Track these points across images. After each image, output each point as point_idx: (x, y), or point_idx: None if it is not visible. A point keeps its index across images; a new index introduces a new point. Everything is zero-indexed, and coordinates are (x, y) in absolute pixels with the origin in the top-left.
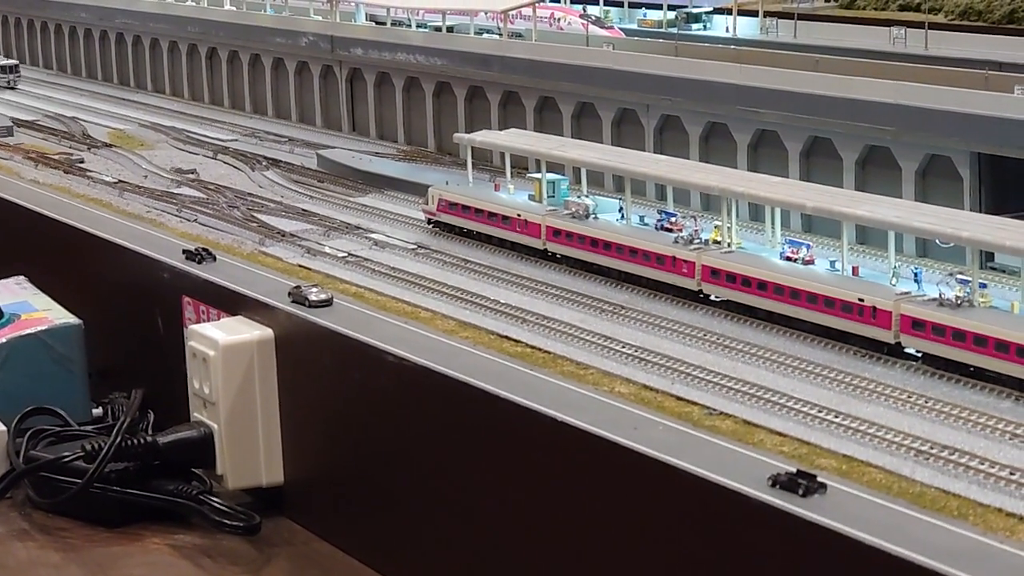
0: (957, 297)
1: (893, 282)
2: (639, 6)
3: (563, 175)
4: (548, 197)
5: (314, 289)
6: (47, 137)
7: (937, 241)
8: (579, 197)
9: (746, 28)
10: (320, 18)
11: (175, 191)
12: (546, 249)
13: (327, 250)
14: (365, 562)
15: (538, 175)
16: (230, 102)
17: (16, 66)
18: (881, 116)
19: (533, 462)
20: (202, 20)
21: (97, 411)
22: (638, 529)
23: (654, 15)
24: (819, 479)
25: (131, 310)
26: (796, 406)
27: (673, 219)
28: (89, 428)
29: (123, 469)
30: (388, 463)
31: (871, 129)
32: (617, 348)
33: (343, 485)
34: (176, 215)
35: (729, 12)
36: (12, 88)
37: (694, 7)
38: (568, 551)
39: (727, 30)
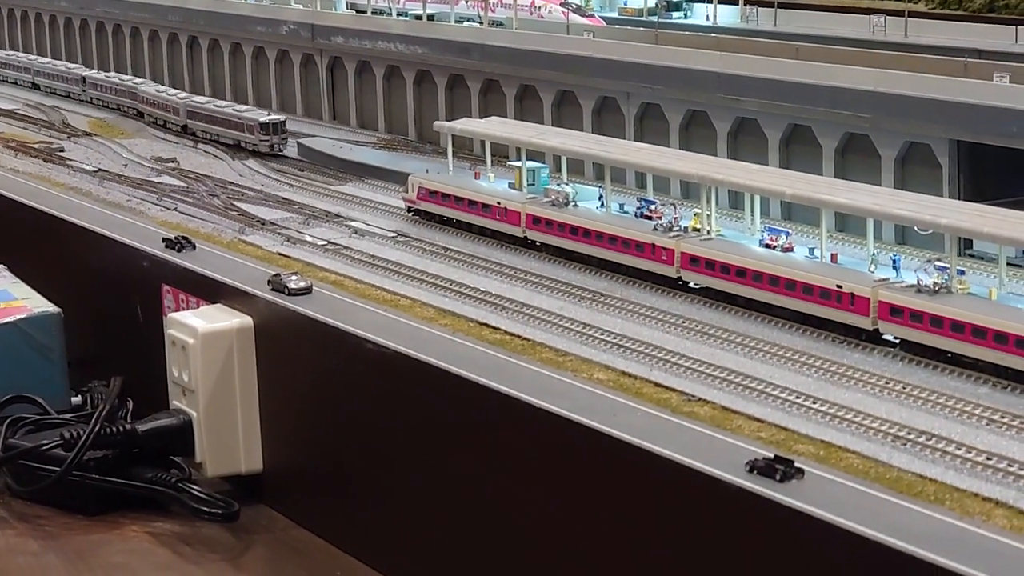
0: (935, 284)
1: (871, 269)
2: None
3: (543, 163)
4: (528, 185)
5: (293, 277)
6: (27, 126)
7: (916, 228)
8: (559, 185)
9: (726, 16)
10: (301, 6)
11: (155, 180)
12: (526, 237)
13: (307, 238)
14: (344, 549)
15: (518, 163)
16: (211, 91)
17: (282, 123)
18: (860, 104)
19: (512, 449)
20: (183, 8)
21: (76, 399)
22: (616, 514)
23: (634, 3)
24: (796, 464)
25: (110, 298)
26: (774, 392)
27: (653, 207)
28: (68, 416)
29: (102, 457)
30: (367, 451)
31: (850, 117)
32: (596, 335)
33: (322, 473)
34: (156, 204)
35: (710, 0)
36: (278, 154)
37: None
38: (547, 537)
39: (707, 18)
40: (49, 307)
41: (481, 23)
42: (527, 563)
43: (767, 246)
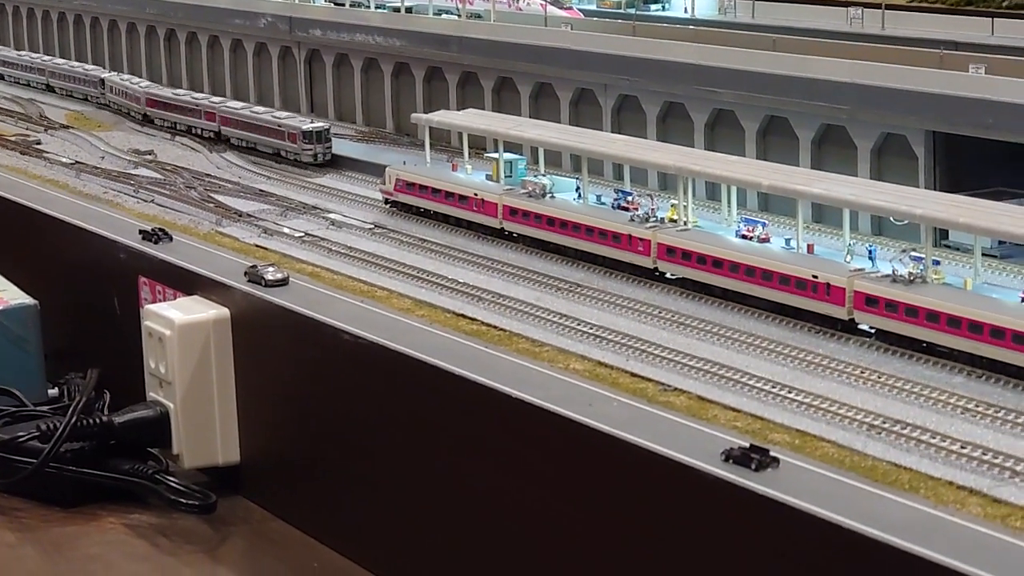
0: (910, 274)
1: (847, 259)
2: None
3: (521, 155)
4: (505, 177)
5: (270, 268)
6: (4, 119)
7: (891, 219)
8: (536, 177)
9: (704, 8)
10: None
11: (132, 172)
12: (503, 228)
13: (284, 230)
14: (321, 540)
15: (496, 155)
16: (189, 83)
17: (327, 131)
18: (837, 95)
19: (489, 439)
20: (161, 1)
21: (53, 391)
22: (592, 503)
23: None
24: (772, 453)
25: (87, 290)
26: (750, 382)
27: (630, 198)
28: (45, 408)
29: (79, 449)
30: (344, 442)
31: (827, 108)
32: (573, 326)
33: (299, 464)
34: (133, 196)
35: None
36: (322, 164)
37: None
38: (523, 526)
39: (685, 10)
40: (26, 299)
41: (459, 15)
42: (504, 552)
43: (744, 237)
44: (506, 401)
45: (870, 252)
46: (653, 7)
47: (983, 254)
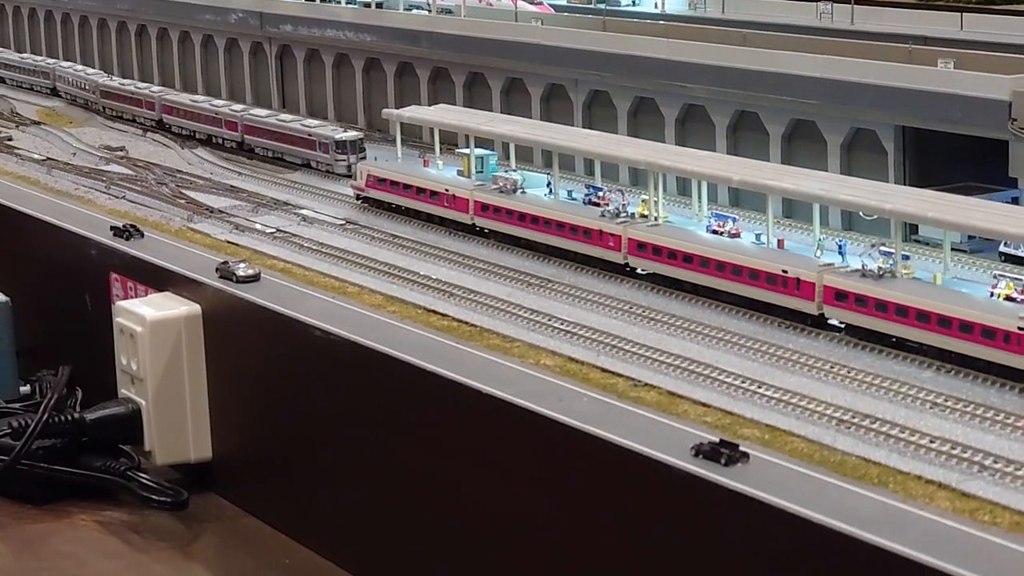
0: (880, 268)
1: (817, 254)
2: None
3: (492, 150)
4: (477, 172)
5: (242, 264)
6: None
7: (861, 214)
8: (507, 172)
9: (675, 3)
10: None
11: (104, 168)
12: (474, 224)
13: (256, 226)
14: (294, 537)
15: (467, 150)
16: (160, 79)
17: (360, 141)
18: (807, 90)
19: (460, 435)
20: None
21: (25, 388)
22: (562, 498)
23: None
24: (741, 448)
25: (59, 287)
26: (720, 377)
27: (600, 193)
28: (16, 405)
29: (50, 446)
30: (316, 438)
31: (797, 103)
32: (543, 321)
33: (272, 460)
34: (104, 192)
35: None
36: (347, 175)
37: None
38: (494, 522)
39: (656, 5)
40: None
41: (430, 11)
42: (476, 547)
43: (714, 232)
44: (477, 397)
45: (840, 247)
46: (624, 2)
47: (953, 249)
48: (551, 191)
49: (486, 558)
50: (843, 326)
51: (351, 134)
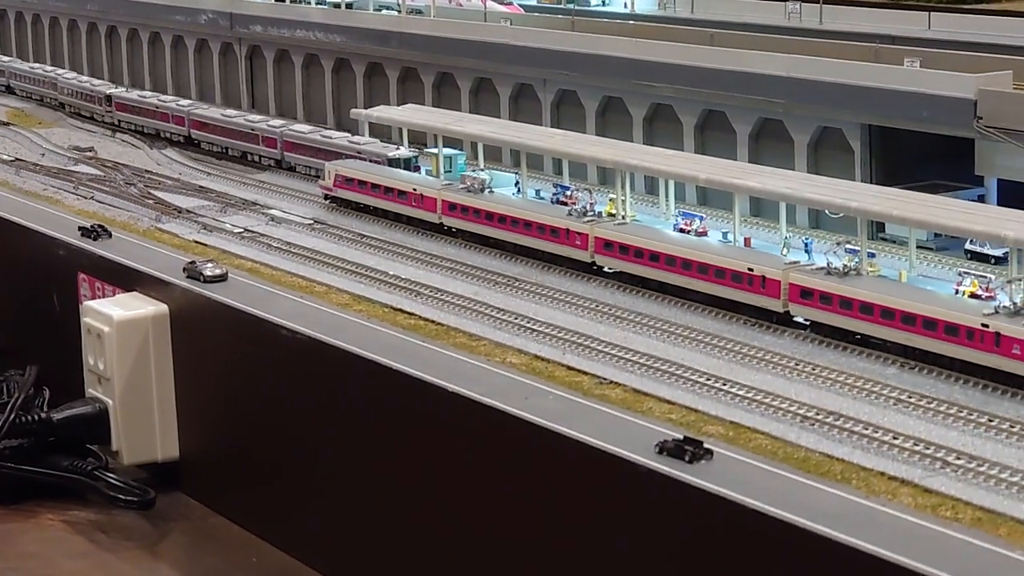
0: (845, 266)
1: (783, 252)
2: None
3: (460, 150)
4: (445, 172)
5: (209, 264)
6: None
7: (827, 212)
8: (475, 172)
9: (644, 3)
10: None
11: (72, 169)
12: (442, 223)
13: (224, 226)
14: (260, 536)
15: (435, 150)
16: (130, 80)
17: (415, 159)
18: (774, 89)
19: (426, 433)
20: None
21: None
22: (528, 496)
23: None
24: (706, 445)
25: (26, 287)
26: (685, 374)
27: (568, 193)
28: None
29: (17, 446)
30: (284, 437)
31: (764, 102)
32: (510, 320)
33: (239, 459)
34: (73, 192)
35: None
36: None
37: None
38: (459, 519)
39: (625, 5)
40: None
41: (399, 11)
42: (442, 544)
43: (681, 231)
44: (443, 395)
45: (806, 245)
46: (593, 2)
47: (919, 246)
48: (519, 190)
49: (452, 554)
50: (808, 323)
51: (404, 151)
